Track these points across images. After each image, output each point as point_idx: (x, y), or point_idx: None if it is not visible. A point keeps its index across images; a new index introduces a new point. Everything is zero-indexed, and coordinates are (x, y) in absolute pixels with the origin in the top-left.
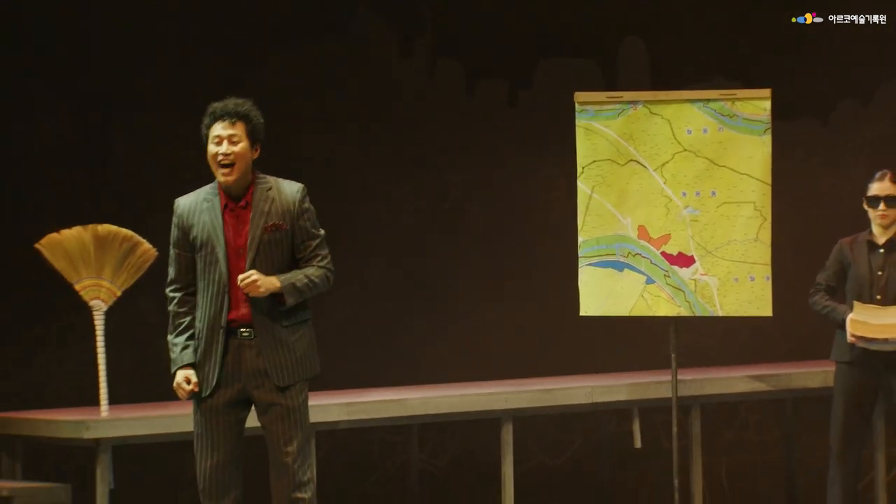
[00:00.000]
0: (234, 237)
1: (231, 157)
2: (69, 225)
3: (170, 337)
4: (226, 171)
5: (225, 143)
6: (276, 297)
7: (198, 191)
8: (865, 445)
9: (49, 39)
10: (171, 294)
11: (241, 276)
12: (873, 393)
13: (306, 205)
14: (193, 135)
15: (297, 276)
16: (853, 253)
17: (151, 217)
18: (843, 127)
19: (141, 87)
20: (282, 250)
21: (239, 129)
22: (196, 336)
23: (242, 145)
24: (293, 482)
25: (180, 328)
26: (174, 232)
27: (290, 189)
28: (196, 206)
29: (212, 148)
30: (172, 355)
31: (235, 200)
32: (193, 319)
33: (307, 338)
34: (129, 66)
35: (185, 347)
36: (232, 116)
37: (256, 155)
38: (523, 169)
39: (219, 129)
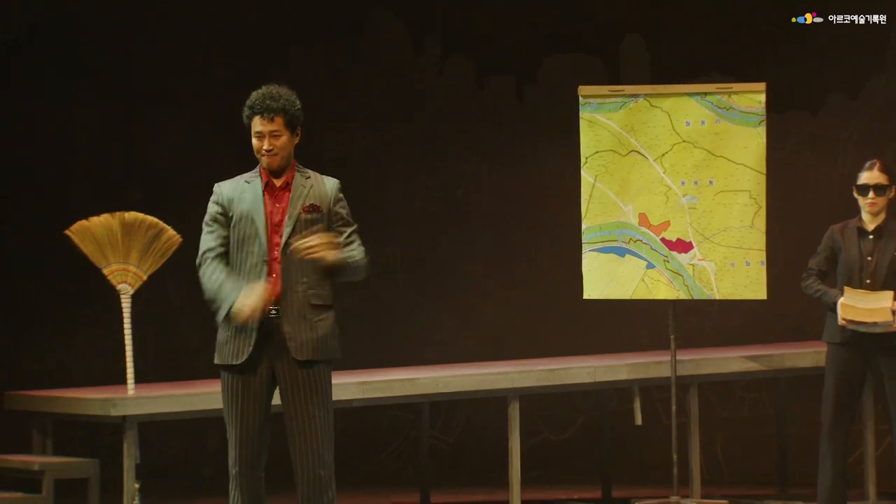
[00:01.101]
0: (272, 213)
1: (274, 150)
2: (102, 212)
3: (209, 285)
4: (269, 156)
5: (266, 139)
6: (307, 270)
7: (238, 176)
8: (855, 422)
9: (82, 42)
10: (204, 257)
11: (300, 242)
12: (862, 373)
13: (341, 195)
14: (216, 129)
15: (350, 254)
16: (843, 239)
17: (176, 205)
18: (832, 119)
19: (167, 85)
20: (316, 230)
21: (278, 124)
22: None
23: (283, 138)
24: (317, 461)
25: (215, 272)
26: (212, 209)
27: (328, 181)
28: (237, 185)
29: (255, 142)
30: (220, 294)
31: (275, 182)
32: (226, 271)
33: (330, 321)
34: (156, 64)
35: (224, 282)
36: (270, 112)
37: (297, 139)
38: (530, 159)
39: (258, 124)
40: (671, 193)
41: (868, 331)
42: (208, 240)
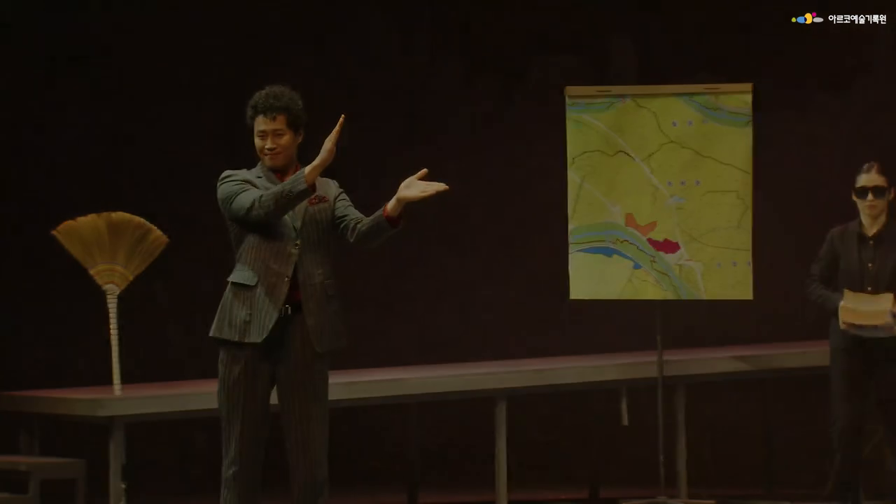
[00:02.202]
0: None
1: (276, 149)
2: (90, 212)
3: (272, 192)
4: (272, 155)
5: (269, 138)
6: (322, 260)
7: (241, 170)
8: (865, 421)
9: (82, 42)
10: (259, 198)
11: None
12: (869, 372)
13: (342, 191)
14: (216, 129)
15: None
16: (843, 245)
17: (175, 206)
18: (820, 119)
19: (167, 85)
20: (324, 220)
21: (280, 123)
22: (248, 283)
23: (286, 138)
24: (314, 462)
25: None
26: (236, 179)
27: (330, 181)
28: (249, 174)
29: (258, 142)
30: (284, 184)
31: (284, 179)
32: None
33: (339, 313)
34: (156, 64)
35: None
36: (272, 111)
37: (301, 139)
38: (517, 158)
39: (261, 124)
40: (658, 194)
41: (870, 335)
42: (252, 192)
